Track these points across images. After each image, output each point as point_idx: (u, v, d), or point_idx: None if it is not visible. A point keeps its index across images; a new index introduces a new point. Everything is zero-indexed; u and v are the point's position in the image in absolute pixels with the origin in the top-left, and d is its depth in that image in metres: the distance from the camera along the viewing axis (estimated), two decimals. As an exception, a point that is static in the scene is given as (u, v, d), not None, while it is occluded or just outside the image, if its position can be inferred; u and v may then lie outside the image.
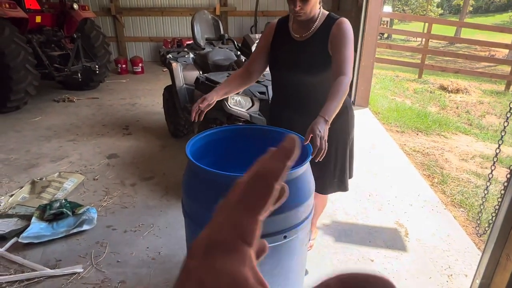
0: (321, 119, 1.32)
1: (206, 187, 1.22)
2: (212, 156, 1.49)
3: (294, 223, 1.23)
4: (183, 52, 3.77)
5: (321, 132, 1.28)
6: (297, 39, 1.58)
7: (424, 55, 8.08)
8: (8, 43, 4.32)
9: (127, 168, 3.20)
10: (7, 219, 2.40)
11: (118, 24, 8.67)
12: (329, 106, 1.36)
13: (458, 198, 2.83)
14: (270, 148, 0.27)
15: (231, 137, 1.56)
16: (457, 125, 4.76)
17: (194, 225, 1.29)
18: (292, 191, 1.19)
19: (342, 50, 1.47)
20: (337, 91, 1.39)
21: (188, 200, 1.31)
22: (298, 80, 1.59)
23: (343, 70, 1.45)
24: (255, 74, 1.68)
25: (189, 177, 1.30)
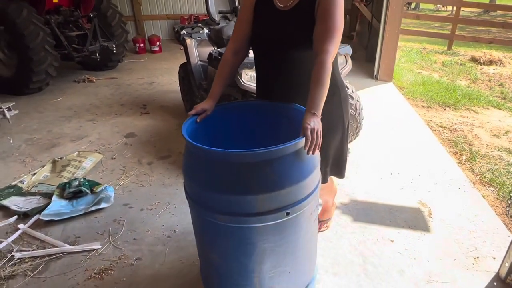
0: (309, 114, 1.19)
1: (203, 166, 1.17)
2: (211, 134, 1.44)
3: (297, 199, 1.17)
4: (197, 27, 3.67)
5: (311, 125, 1.14)
6: (280, 8, 1.38)
7: (454, 25, 7.55)
8: (27, 24, 4.35)
9: (144, 147, 3.21)
10: (30, 197, 2.48)
11: (135, 3, 8.59)
12: (314, 97, 1.21)
13: (488, 176, 2.66)
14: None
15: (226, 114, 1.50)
16: (489, 99, 4.45)
17: (198, 207, 1.25)
18: (292, 166, 1.13)
19: (328, 17, 1.27)
20: (319, 77, 1.22)
21: (189, 180, 1.26)
22: (283, 55, 1.40)
23: (325, 45, 1.25)
24: (242, 51, 1.50)
25: (187, 157, 1.26)
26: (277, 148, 1.08)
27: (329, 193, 1.93)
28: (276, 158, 1.11)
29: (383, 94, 4.45)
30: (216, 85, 1.49)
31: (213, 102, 1.45)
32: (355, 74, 5.15)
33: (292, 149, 1.13)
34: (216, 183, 1.14)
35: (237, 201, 1.13)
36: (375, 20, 5.55)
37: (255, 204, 1.12)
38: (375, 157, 2.88)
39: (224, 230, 1.21)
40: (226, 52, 1.51)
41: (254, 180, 1.10)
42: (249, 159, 1.09)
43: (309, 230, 1.33)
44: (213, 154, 1.13)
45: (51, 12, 5.10)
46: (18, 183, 2.64)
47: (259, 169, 1.10)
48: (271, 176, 1.11)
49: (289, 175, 1.14)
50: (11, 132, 3.60)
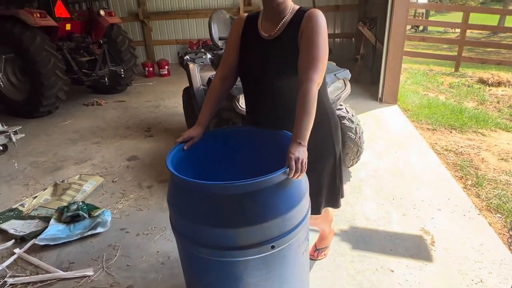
0: (294, 143, 1.18)
1: (186, 197, 1.16)
2: (198, 163, 1.43)
3: (282, 232, 1.13)
4: (200, 53, 3.75)
5: (296, 154, 1.13)
6: (265, 38, 1.40)
7: (461, 47, 7.54)
8: (39, 51, 4.53)
9: (145, 170, 3.23)
10: (29, 220, 2.49)
11: (146, 28, 8.90)
12: (299, 126, 1.20)
13: (494, 202, 2.56)
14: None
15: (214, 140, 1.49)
16: (497, 121, 4.36)
17: (182, 238, 1.22)
18: (276, 198, 1.10)
19: (311, 45, 1.28)
20: (304, 106, 1.22)
21: (172, 211, 1.25)
22: (269, 83, 1.39)
23: (309, 74, 1.26)
24: (230, 79, 1.50)
25: (171, 187, 1.24)
26: (259, 180, 1.06)
27: (325, 222, 1.88)
28: (258, 190, 1.09)
29: (387, 116, 4.42)
30: (204, 112, 1.50)
31: (201, 129, 1.45)
32: (360, 96, 5.15)
33: (275, 180, 1.11)
34: (198, 215, 1.12)
35: (219, 234, 1.10)
36: (379, 43, 5.60)
37: (236, 238, 1.09)
38: (377, 182, 2.83)
39: (208, 263, 1.18)
40: (214, 79, 1.52)
41: (236, 213, 1.08)
42: (230, 191, 1.07)
43: (298, 263, 1.29)
44: (194, 186, 1.12)
45: (63, 38, 5.31)
46: (18, 206, 2.67)
47: (240, 202, 1.08)
48: (253, 209, 1.08)
49: (273, 207, 1.11)
50: (18, 155, 3.68)
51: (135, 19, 8.83)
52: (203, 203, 1.10)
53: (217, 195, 1.08)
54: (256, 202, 1.08)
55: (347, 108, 2.83)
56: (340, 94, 2.64)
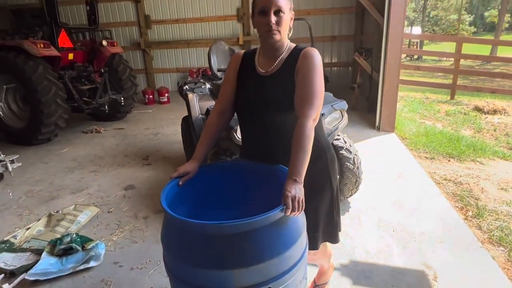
0: (290, 181, 1.17)
1: (179, 236, 1.13)
2: (193, 198, 1.41)
3: (279, 272, 1.10)
4: (199, 83, 3.81)
5: (292, 192, 1.12)
6: (262, 74, 1.43)
7: (455, 75, 7.71)
8: (41, 80, 4.60)
9: (142, 200, 3.19)
10: (21, 253, 2.42)
11: (147, 57, 9.11)
12: (295, 163, 1.20)
13: (497, 234, 2.52)
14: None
15: (210, 175, 1.48)
16: (494, 150, 4.38)
17: (175, 279, 1.18)
18: (272, 238, 1.07)
19: (307, 82, 1.31)
20: (300, 143, 1.23)
21: (166, 250, 1.22)
22: (265, 118, 1.41)
23: (304, 110, 1.28)
24: (228, 113, 1.52)
25: (165, 225, 1.22)
26: (256, 219, 1.04)
27: (324, 257, 1.83)
28: (254, 229, 1.06)
29: (385, 145, 4.43)
30: (201, 146, 1.49)
31: (197, 164, 1.44)
32: (358, 124, 5.19)
33: (271, 219, 1.09)
34: (192, 256, 1.09)
35: (213, 276, 1.06)
36: (375, 73, 5.72)
37: (232, 280, 1.06)
38: (377, 213, 2.79)
39: (203, 304, 1.13)
40: (211, 114, 1.53)
41: (231, 253, 1.05)
42: (226, 231, 1.05)
43: (296, 302, 1.24)
44: (188, 225, 1.09)
45: (65, 67, 5.41)
46: (11, 238, 2.61)
47: (236, 241, 1.05)
48: (249, 249, 1.06)
49: (270, 246, 1.08)
50: (14, 184, 3.64)
51: (137, 48, 9.06)
52: (198, 243, 1.07)
53: (212, 235, 1.05)
54: (252, 242, 1.05)
55: (345, 138, 2.84)
56: (337, 124, 2.66)
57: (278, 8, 1.31)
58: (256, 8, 1.35)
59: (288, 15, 1.35)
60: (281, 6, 1.31)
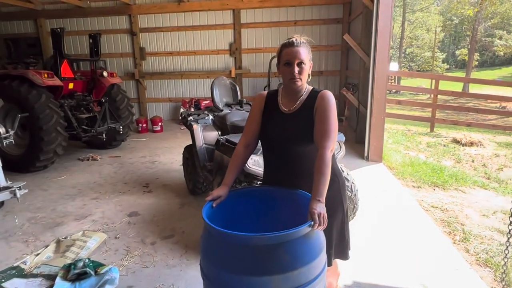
0: (314, 200, 1.39)
1: (221, 247, 1.29)
2: (224, 218, 1.58)
3: (308, 280, 1.28)
4: (203, 114, 4.03)
5: (317, 209, 1.35)
6: (285, 112, 1.67)
7: (434, 110, 8.27)
8: (43, 109, 4.72)
9: (147, 226, 3.28)
10: (32, 279, 2.46)
11: (141, 87, 9.34)
12: (318, 186, 1.43)
13: (483, 256, 2.75)
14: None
15: (239, 198, 1.67)
16: (474, 179, 4.72)
17: (212, 286, 1.33)
18: (302, 248, 1.26)
19: (325, 119, 1.56)
20: (321, 169, 1.46)
21: (206, 261, 1.37)
22: (288, 149, 1.64)
23: (323, 142, 1.52)
24: (252, 145, 1.75)
25: (206, 239, 1.38)
26: (291, 231, 1.24)
27: (333, 276, 2.00)
28: (289, 241, 1.25)
29: (375, 174, 4.71)
30: (230, 173, 1.69)
31: (227, 189, 1.63)
32: (347, 154, 5.47)
33: (302, 232, 1.28)
34: (234, 265, 1.25)
35: (254, 282, 1.23)
36: (361, 106, 6.12)
37: (270, 285, 1.23)
38: (374, 238, 2.98)
39: (241, 311, 1.28)
40: (238, 146, 1.75)
41: (270, 262, 1.23)
42: (265, 242, 1.23)
43: (319, 311, 1.40)
44: (232, 237, 1.27)
45: (65, 96, 5.55)
46: (20, 264, 2.64)
47: (274, 251, 1.23)
48: (284, 258, 1.24)
49: (300, 256, 1.27)
50: (14, 211, 3.66)
51: (130, 78, 9.30)
52: (240, 253, 1.24)
53: (253, 246, 1.23)
54: (287, 251, 1.23)
55: (342, 167, 3.08)
56: (336, 154, 2.91)
57: (301, 61, 1.58)
58: (282, 60, 1.62)
59: (308, 65, 1.62)
60: (303, 59, 1.58)
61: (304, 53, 1.58)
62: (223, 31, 8.85)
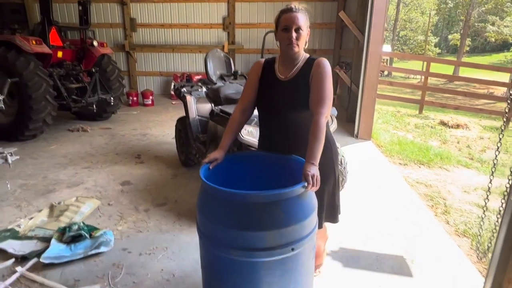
0: (308, 163, 1.45)
1: (220, 205, 1.36)
2: (220, 180, 1.64)
3: (300, 236, 1.36)
4: (196, 86, 4.02)
5: (311, 172, 1.41)
6: (282, 79, 1.70)
7: (424, 92, 8.39)
8: (32, 76, 4.62)
9: (140, 195, 3.33)
10: (27, 240, 2.50)
11: (131, 60, 9.15)
12: (312, 150, 1.49)
13: (461, 228, 2.91)
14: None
15: (234, 162, 1.73)
16: (458, 159, 4.88)
17: (209, 242, 1.40)
18: (296, 207, 1.34)
19: (320, 86, 1.59)
20: (316, 134, 1.51)
21: (203, 217, 1.44)
22: (284, 116, 1.68)
23: (318, 109, 1.56)
24: (248, 111, 1.78)
25: (203, 197, 1.44)
26: (286, 190, 1.30)
27: (322, 239, 2.10)
28: (284, 199, 1.32)
29: (364, 151, 4.83)
30: (226, 138, 1.74)
31: (224, 152, 1.68)
32: (338, 132, 5.57)
33: (297, 192, 1.35)
34: (232, 221, 1.32)
35: (250, 237, 1.30)
36: (353, 85, 6.17)
37: (265, 240, 1.30)
38: (361, 209, 3.11)
39: (235, 264, 1.36)
40: (235, 111, 1.79)
41: (266, 218, 1.30)
42: (262, 200, 1.29)
43: (309, 267, 1.50)
44: (231, 195, 1.33)
45: (54, 65, 5.42)
46: (14, 226, 2.67)
47: (270, 208, 1.30)
48: (280, 215, 1.31)
49: (295, 214, 1.34)
50: (5, 177, 3.65)
51: (120, 50, 9.08)
52: (238, 210, 1.31)
53: (251, 203, 1.29)
54: (282, 209, 1.30)
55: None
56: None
57: (298, 27, 1.60)
58: (280, 26, 1.63)
59: (306, 32, 1.64)
60: (300, 25, 1.60)
61: (302, 19, 1.60)
62: (217, 4, 8.66)
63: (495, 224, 2.02)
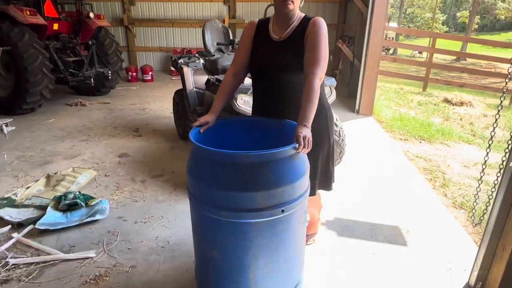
0: (300, 125, 1.39)
1: (209, 166, 1.33)
2: (211, 144, 1.61)
3: (290, 198, 1.33)
4: (193, 57, 3.93)
5: (303, 133, 1.35)
6: (276, 39, 1.63)
7: (428, 69, 8.21)
8: (27, 48, 4.53)
9: (137, 166, 3.32)
10: (24, 208, 2.52)
11: (130, 34, 8.96)
12: (305, 112, 1.43)
13: (459, 200, 2.89)
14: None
15: (226, 126, 1.69)
16: (460, 135, 4.82)
17: (201, 204, 1.39)
18: (287, 168, 1.30)
19: (315, 46, 1.52)
20: (309, 96, 1.45)
21: (191, 179, 1.41)
22: (277, 79, 1.62)
23: (313, 69, 1.49)
24: (241, 74, 1.71)
25: (193, 160, 1.41)
26: (276, 150, 1.27)
27: (316, 207, 2.09)
28: (274, 160, 1.29)
29: (365, 126, 4.77)
30: (217, 101, 1.69)
31: (215, 116, 1.64)
32: (338, 108, 5.50)
33: (287, 153, 1.31)
34: (221, 182, 1.29)
35: (240, 198, 1.28)
36: (356, 60, 6.03)
37: (255, 201, 1.28)
38: (358, 182, 3.09)
39: (225, 226, 1.34)
40: (227, 74, 1.73)
41: (256, 179, 1.27)
42: (251, 160, 1.26)
43: (299, 230, 1.48)
44: (221, 155, 1.29)
45: (50, 38, 5.31)
46: (11, 195, 2.68)
47: (260, 169, 1.27)
48: (269, 176, 1.28)
49: (284, 175, 1.31)
50: (3, 149, 3.64)
51: (119, 25, 8.88)
52: (228, 170, 1.28)
53: (241, 163, 1.26)
54: (272, 170, 1.27)
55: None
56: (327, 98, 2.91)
57: None
58: None
59: None
60: None
61: None
62: (217, -24, 8.39)
63: (491, 191, 1.99)
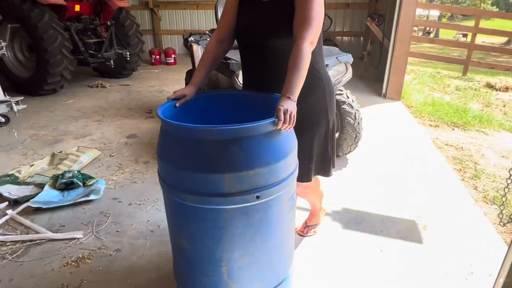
0: (283, 97, 1.17)
1: (173, 143, 1.16)
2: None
3: (268, 183, 1.12)
4: (205, 35, 3.75)
5: (284, 106, 1.12)
6: (263, 0, 1.41)
7: (470, 51, 7.47)
8: (46, 29, 4.56)
9: (143, 147, 3.24)
10: (24, 186, 2.51)
11: (155, 17, 8.93)
12: (290, 81, 1.20)
13: (491, 194, 2.53)
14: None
15: (206, 101, 1.49)
16: (501, 122, 4.31)
17: (167, 187, 1.22)
18: (262, 148, 1.09)
19: (306, 5, 1.28)
20: (295, 62, 1.22)
21: (160, 160, 1.25)
22: (265, 45, 1.41)
23: (302, 32, 1.26)
24: (226, 41, 1.50)
25: (160, 137, 1.25)
26: (246, 126, 1.06)
27: (315, 195, 1.87)
28: (245, 137, 1.08)
29: (390, 111, 4.39)
30: (198, 72, 1.49)
31: (194, 89, 1.45)
32: (365, 92, 5.13)
33: (264, 129, 1.10)
34: (185, 161, 1.12)
35: (205, 180, 1.09)
36: (386, 40, 5.56)
37: (223, 184, 1.09)
38: (374, 169, 2.81)
39: (193, 211, 1.17)
40: (210, 41, 1.52)
41: (222, 158, 1.08)
42: (217, 136, 1.07)
43: (283, 220, 1.28)
44: (181, 130, 1.12)
45: (72, 19, 5.34)
46: (15, 172, 2.69)
47: (227, 147, 1.07)
48: (240, 155, 1.08)
49: (260, 156, 1.11)
50: (19, 128, 3.71)
51: (145, 8, 8.86)
52: (191, 148, 1.10)
53: (204, 140, 1.08)
54: (242, 149, 1.07)
55: (348, 93, 2.81)
56: (341, 78, 2.63)
57: None
58: None
59: None
60: None
61: None
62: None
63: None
